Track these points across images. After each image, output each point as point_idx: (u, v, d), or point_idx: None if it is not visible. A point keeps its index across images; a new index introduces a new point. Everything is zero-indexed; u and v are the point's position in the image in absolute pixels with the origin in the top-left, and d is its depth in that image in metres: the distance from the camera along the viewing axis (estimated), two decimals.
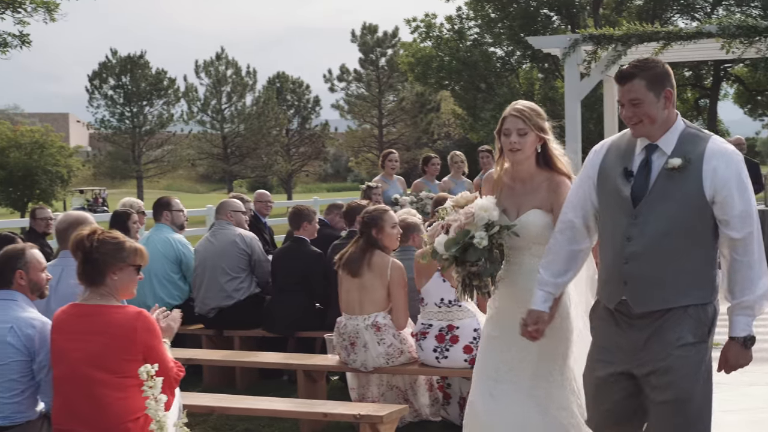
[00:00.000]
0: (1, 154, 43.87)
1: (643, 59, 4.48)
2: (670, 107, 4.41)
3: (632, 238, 4.38)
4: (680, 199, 4.29)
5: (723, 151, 4.30)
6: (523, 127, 5.06)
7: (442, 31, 38.43)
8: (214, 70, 66.99)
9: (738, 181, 4.26)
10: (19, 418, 5.19)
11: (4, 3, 15.01)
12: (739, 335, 4.32)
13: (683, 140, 4.37)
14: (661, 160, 4.36)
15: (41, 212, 11.32)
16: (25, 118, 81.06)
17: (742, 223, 4.25)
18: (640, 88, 4.35)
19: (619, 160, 4.51)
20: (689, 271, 4.34)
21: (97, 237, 5.02)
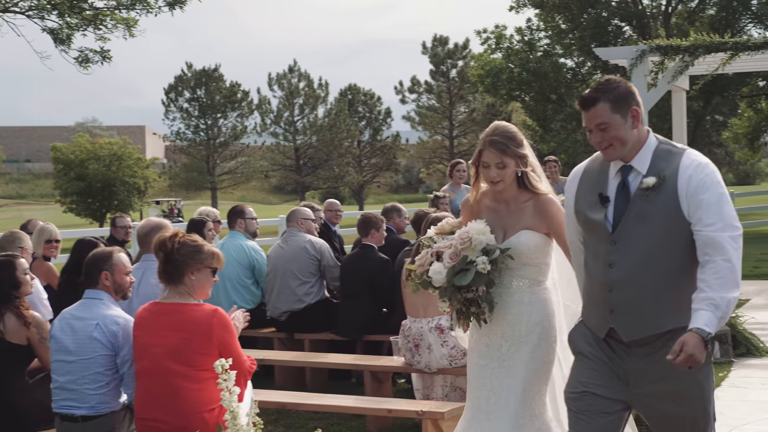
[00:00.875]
0: (80, 165, 44.83)
1: (605, 80, 4.32)
2: (638, 126, 4.25)
3: (614, 264, 4.21)
4: (659, 218, 4.14)
5: (697, 164, 4.14)
6: (500, 161, 4.92)
7: (512, 43, 38.49)
8: (287, 83, 67.71)
9: (714, 192, 4.08)
10: (104, 409, 5.56)
11: (86, 20, 15.53)
12: (703, 328, 3.91)
13: (657, 157, 4.23)
14: (638, 179, 4.21)
15: (121, 221, 11.76)
16: (104, 130, 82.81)
17: (718, 229, 4.02)
18: (604, 111, 4.21)
19: (593, 186, 4.35)
20: (678, 292, 4.14)
21: (179, 239, 5.38)
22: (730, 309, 3.99)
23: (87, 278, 5.77)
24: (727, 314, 3.97)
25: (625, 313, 4.21)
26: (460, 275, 4.76)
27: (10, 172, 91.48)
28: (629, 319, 4.21)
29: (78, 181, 44.57)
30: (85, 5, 15.60)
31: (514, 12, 37.46)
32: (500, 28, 38.60)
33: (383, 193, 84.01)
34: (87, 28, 15.74)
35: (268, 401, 7.06)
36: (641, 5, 36.91)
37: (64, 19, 15.50)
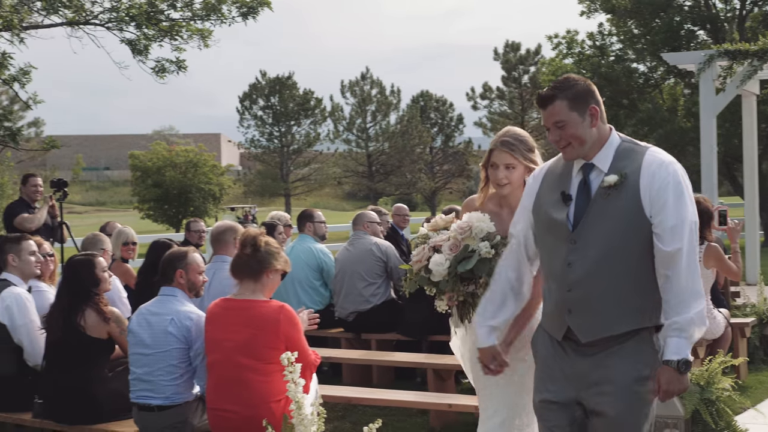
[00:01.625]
0: (157, 173, 45.57)
1: (563, 78, 4.27)
2: (597, 124, 4.17)
3: (573, 263, 4.13)
4: (619, 217, 4.07)
5: (660, 162, 4.07)
6: (511, 162, 4.94)
7: (583, 48, 38.38)
8: (359, 90, 68.15)
9: (675, 191, 4.02)
10: (178, 399, 5.90)
11: (163, 31, 15.93)
12: (672, 359, 3.98)
13: (619, 155, 4.16)
14: (599, 178, 4.15)
15: (195, 225, 12.15)
16: (180, 138, 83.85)
17: (674, 236, 3.99)
18: (562, 109, 4.14)
19: (555, 184, 4.29)
20: (637, 293, 4.10)
21: (265, 239, 5.72)
22: (698, 324, 3.99)
23: (163, 276, 6.11)
24: (696, 329, 4.00)
25: (583, 314, 4.15)
26: (463, 263, 4.72)
27: (90, 179, 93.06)
28: (587, 319, 4.14)
29: (155, 188, 45.32)
30: (161, 17, 16.02)
31: (585, 17, 37.35)
32: (572, 34, 38.50)
33: (456, 199, 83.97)
34: (163, 39, 16.14)
35: (334, 396, 7.34)
36: (714, 9, 36.55)
37: (142, 31, 15.91)
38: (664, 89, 40.04)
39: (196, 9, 16.39)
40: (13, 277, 7.02)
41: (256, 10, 16.62)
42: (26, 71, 14.80)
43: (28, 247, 7.13)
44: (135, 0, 15.83)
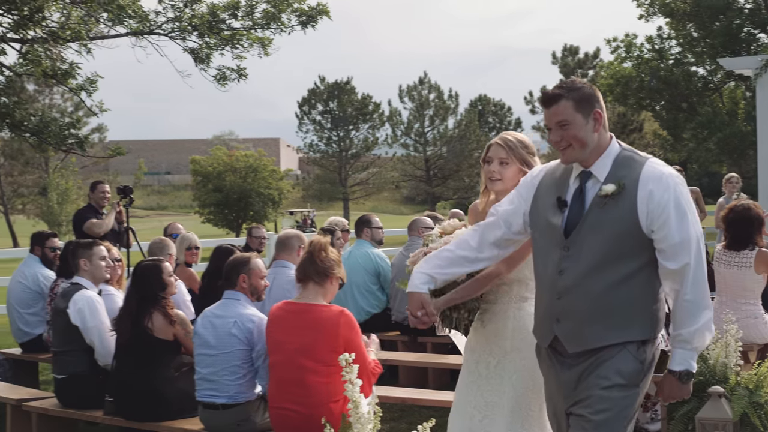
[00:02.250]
0: (218, 177, 46.26)
1: (569, 80, 4.20)
2: (600, 130, 4.10)
3: (565, 271, 4.08)
4: (614, 227, 3.99)
5: (659, 175, 3.98)
6: (505, 157, 4.86)
7: (642, 51, 38.26)
8: (417, 95, 68.42)
9: (676, 207, 3.94)
10: (240, 398, 6.19)
11: (224, 40, 16.28)
12: (675, 369, 4.03)
13: (618, 165, 4.08)
14: (596, 187, 4.07)
15: (257, 231, 12.45)
16: (240, 143, 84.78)
17: (681, 252, 3.93)
18: (567, 109, 4.06)
19: (552, 188, 4.23)
20: (626, 306, 4.03)
21: (331, 249, 5.99)
22: (703, 335, 4.00)
23: (226, 280, 6.40)
24: (702, 341, 4.02)
25: (571, 323, 4.11)
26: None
27: (152, 184, 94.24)
28: (575, 329, 4.10)
29: (216, 192, 46.01)
30: (223, 26, 16.35)
31: (644, 21, 37.23)
32: (630, 37, 38.39)
33: None
34: (225, 48, 16.47)
35: (390, 397, 7.56)
36: None
37: (204, 40, 16.23)
38: (723, 92, 39.76)
39: (257, 18, 16.71)
40: (84, 281, 7.36)
41: (315, 18, 16.89)
42: (93, 80, 15.20)
43: (99, 252, 7.47)
44: (197, 10, 16.16)
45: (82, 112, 67.98)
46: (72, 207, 58.21)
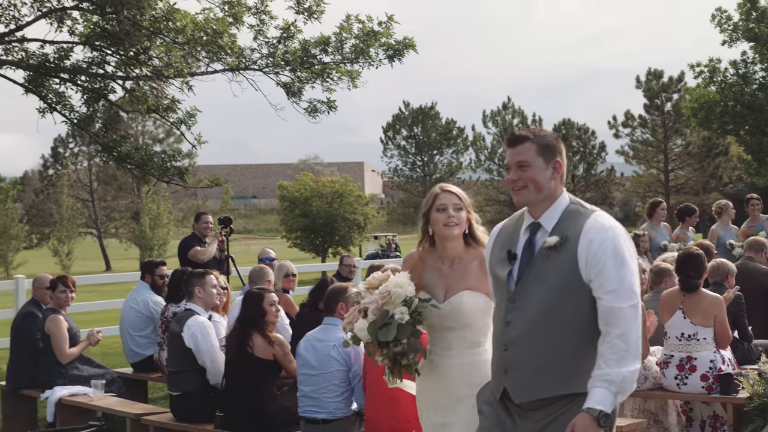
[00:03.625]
0: (305, 203, 47.09)
1: (539, 128, 4.30)
2: (557, 179, 4.19)
3: (511, 322, 4.15)
4: (557, 279, 4.06)
5: (600, 227, 4.05)
6: (458, 202, 4.94)
7: (726, 76, 38.19)
8: (501, 119, 68.82)
9: (614, 255, 3.99)
10: (339, 414, 6.88)
11: (315, 74, 17.00)
12: (594, 407, 3.86)
13: (565, 217, 4.16)
14: (544, 238, 4.16)
15: (348, 260, 13.11)
16: (324, 167, 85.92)
17: (617, 298, 3.94)
18: (529, 151, 4.17)
19: (505, 242, 4.30)
20: (573, 357, 4.05)
21: None
22: (628, 384, 3.92)
23: (326, 308, 7.11)
24: (625, 389, 3.92)
25: (518, 374, 4.14)
26: (384, 330, 4.67)
27: (238, 208, 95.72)
28: (522, 379, 4.13)
29: (302, 217, 46.83)
30: (314, 61, 17.01)
31: (727, 46, 37.20)
32: (714, 62, 38.35)
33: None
34: (315, 81, 17.12)
35: None
36: None
37: (296, 74, 16.92)
38: None
39: (346, 53, 17.31)
40: (197, 307, 8.09)
41: (402, 52, 17.46)
42: (192, 114, 16.02)
43: (211, 280, 8.22)
44: (290, 46, 16.89)
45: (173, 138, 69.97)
46: (163, 231, 59.77)
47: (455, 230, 4.94)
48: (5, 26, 13.19)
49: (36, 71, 13.86)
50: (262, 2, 16.76)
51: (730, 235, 13.73)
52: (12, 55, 13.85)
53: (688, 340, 7.89)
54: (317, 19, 16.67)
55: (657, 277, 8.95)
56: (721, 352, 7.89)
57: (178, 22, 13.77)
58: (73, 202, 66.66)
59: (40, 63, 13.80)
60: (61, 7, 12.97)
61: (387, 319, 4.69)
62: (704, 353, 7.83)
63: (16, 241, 57.29)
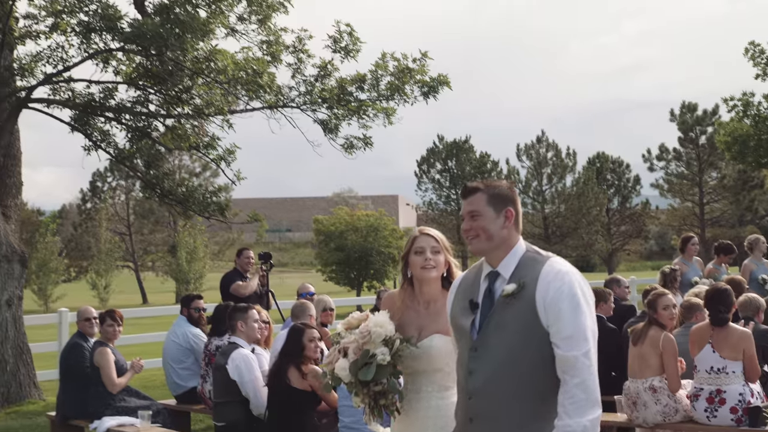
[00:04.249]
0: (340, 237, 47.37)
1: (492, 179, 4.42)
2: (509, 228, 4.27)
3: (474, 371, 4.17)
4: (517, 326, 4.08)
5: (556, 272, 4.09)
6: (436, 245, 5.00)
7: (759, 110, 38.18)
8: (535, 153, 68.90)
9: (570, 300, 4.01)
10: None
11: (351, 111, 17.31)
12: None
13: (522, 264, 4.20)
14: (503, 286, 4.19)
15: (384, 294, 13.36)
16: (359, 200, 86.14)
17: (574, 344, 3.95)
18: (480, 201, 4.26)
19: (466, 292, 4.35)
20: (537, 404, 4.06)
21: None
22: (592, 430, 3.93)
23: None
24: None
25: (483, 423, 4.16)
26: (364, 370, 4.70)
27: (273, 241, 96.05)
28: (487, 428, 4.15)
29: (337, 251, 47.05)
30: (350, 98, 17.31)
31: (761, 80, 37.23)
32: (747, 96, 38.37)
33: (635, 260, 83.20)
34: (351, 118, 17.40)
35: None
36: None
37: (333, 111, 17.24)
38: None
39: (382, 90, 17.59)
40: (240, 341, 8.40)
41: (436, 89, 17.72)
42: (231, 151, 16.36)
43: (253, 315, 8.53)
44: (327, 84, 17.22)
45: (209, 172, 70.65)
46: (199, 265, 60.23)
47: (432, 273, 4.99)
48: (54, 67, 13.63)
49: (82, 110, 14.28)
50: (299, 41, 17.09)
51: (763, 270, 13.86)
52: (59, 95, 14.29)
53: (717, 374, 8.08)
54: (353, 57, 16.97)
55: (687, 312, 9.17)
56: (750, 385, 8.07)
57: (219, 62, 14.15)
58: (111, 235, 67.48)
59: (86, 102, 14.23)
60: (107, 48, 13.38)
61: (368, 358, 4.72)
62: (733, 386, 8.01)
63: (56, 275, 58.06)
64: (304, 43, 16.84)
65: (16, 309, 14.08)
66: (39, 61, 13.53)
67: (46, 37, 13.70)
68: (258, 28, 16.49)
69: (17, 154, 14.77)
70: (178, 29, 12.92)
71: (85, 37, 13.20)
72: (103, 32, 13.08)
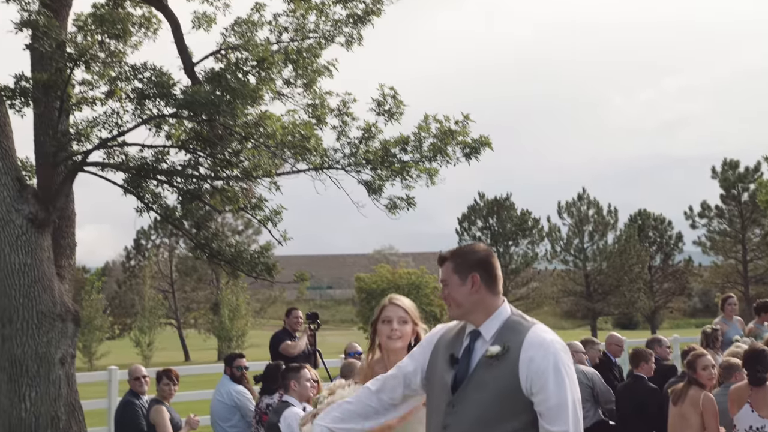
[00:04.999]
0: (382, 294, 47.54)
1: (465, 245, 4.53)
2: (480, 292, 4.34)
3: (448, 426, 4.23)
4: (496, 388, 4.13)
5: (541, 341, 4.15)
6: (404, 316, 5.10)
7: None
8: (576, 211, 68.90)
9: (555, 372, 4.08)
10: None
11: (394, 172, 17.58)
12: None
13: (506, 328, 4.27)
14: (484, 347, 4.25)
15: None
16: (399, 257, 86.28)
17: (558, 416, 4.03)
18: (447, 269, 4.39)
19: (448, 346, 4.41)
20: None
21: None
22: None
23: None
24: None
25: None
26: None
27: (314, 298, 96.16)
28: None
29: None
30: (394, 159, 17.56)
31: None
32: None
33: (679, 317, 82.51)
34: (395, 179, 17.62)
35: None
36: None
37: (377, 173, 17.49)
38: None
39: (424, 151, 17.83)
40: (292, 399, 8.67)
41: (478, 150, 17.92)
42: (278, 212, 16.65)
43: (305, 374, 8.80)
44: (371, 146, 17.52)
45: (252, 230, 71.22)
46: (241, 322, 60.56)
47: (398, 343, 5.13)
48: (109, 132, 14.08)
49: (135, 173, 14.70)
50: (344, 105, 17.45)
51: None
52: (113, 159, 14.73)
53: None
54: (397, 120, 17.26)
55: (726, 372, 9.33)
56: None
57: (268, 127, 14.54)
58: (155, 293, 68.05)
59: (139, 165, 14.66)
60: (160, 114, 13.83)
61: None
62: None
63: (100, 332, 58.62)
64: (348, 106, 17.19)
65: (69, 367, 14.40)
66: (95, 127, 13.98)
67: (101, 103, 14.17)
68: (303, 92, 16.90)
69: (71, 216, 15.17)
70: (230, 96, 13.33)
71: (139, 104, 13.63)
72: (156, 99, 13.52)
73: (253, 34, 15.66)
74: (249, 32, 15.61)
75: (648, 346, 12.04)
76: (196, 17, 15.95)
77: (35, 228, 12.94)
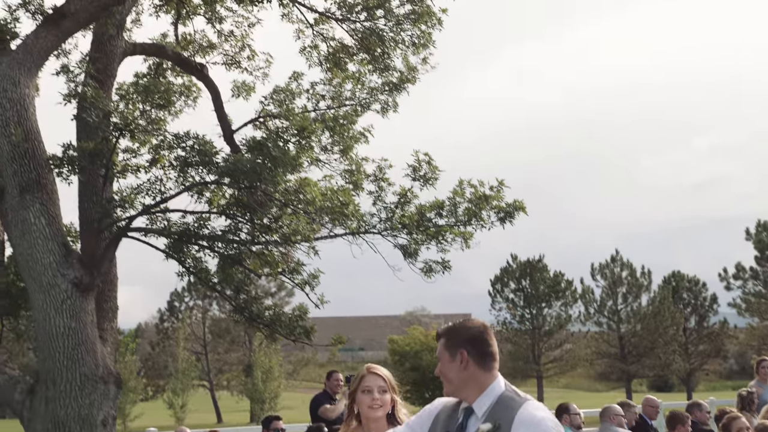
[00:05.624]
0: (414, 357, 47.65)
1: (459, 322, 4.54)
2: (469, 369, 4.35)
3: None
4: None
5: (531, 419, 4.14)
6: (383, 385, 5.22)
7: None
8: (610, 272, 68.70)
9: None
10: None
11: (429, 236, 17.80)
12: None
13: (498, 404, 4.26)
14: (476, 424, 4.26)
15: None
16: (432, 319, 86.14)
17: None
18: (441, 347, 4.44)
19: (445, 421, 4.45)
20: None
21: None
22: None
23: None
24: None
25: None
26: None
27: (345, 360, 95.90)
28: None
29: (412, 371, 47.31)
30: (429, 224, 17.79)
31: None
32: None
33: (715, 379, 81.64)
34: (430, 243, 17.85)
35: None
36: None
37: (412, 237, 17.73)
38: None
39: (459, 216, 18.05)
40: None
41: (512, 214, 18.12)
42: (315, 276, 16.91)
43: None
44: (407, 211, 17.75)
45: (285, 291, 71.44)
46: (274, 384, 60.62)
47: (378, 412, 5.23)
48: (152, 199, 14.44)
49: (177, 239, 15.03)
50: (380, 170, 17.72)
51: None
52: (156, 224, 15.08)
53: None
54: (432, 185, 17.51)
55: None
56: None
57: (308, 194, 14.85)
58: (188, 355, 68.26)
59: (181, 231, 14.99)
60: (203, 182, 14.17)
61: None
62: None
63: (134, 394, 58.83)
64: (384, 171, 17.48)
65: (111, 429, 14.64)
66: (138, 193, 14.35)
67: (145, 171, 14.55)
68: (340, 158, 17.23)
69: (114, 280, 15.52)
70: (271, 164, 13.67)
71: (182, 171, 14.00)
72: (199, 166, 13.87)
73: (292, 103, 16.05)
74: (287, 100, 16.00)
75: (688, 410, 12.16)
76: (235, 86, 16.40)
77: (80, 292, 13.27)
